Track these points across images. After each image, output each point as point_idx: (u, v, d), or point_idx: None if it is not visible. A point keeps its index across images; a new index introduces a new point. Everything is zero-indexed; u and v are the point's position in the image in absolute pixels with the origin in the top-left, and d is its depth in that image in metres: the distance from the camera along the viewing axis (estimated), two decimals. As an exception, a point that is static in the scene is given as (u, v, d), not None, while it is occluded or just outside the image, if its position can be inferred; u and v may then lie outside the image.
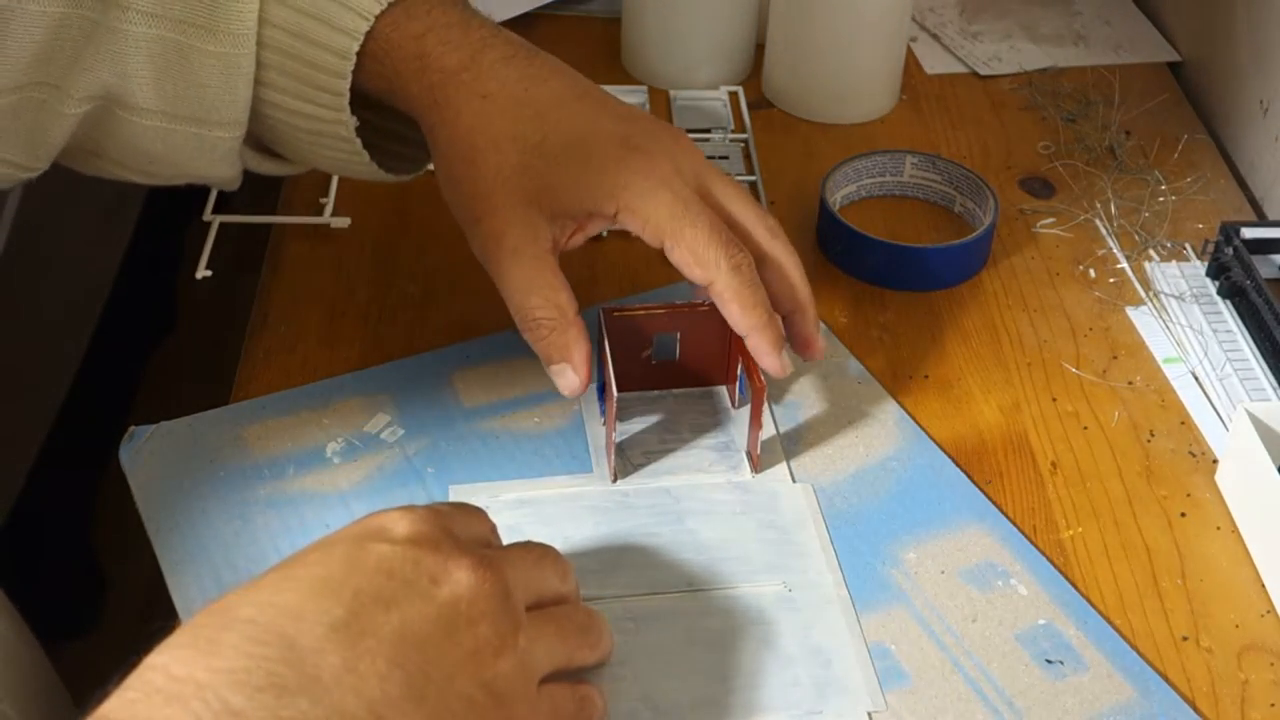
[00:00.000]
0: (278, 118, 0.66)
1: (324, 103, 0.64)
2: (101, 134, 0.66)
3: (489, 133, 0.63)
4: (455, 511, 0.53)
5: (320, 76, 0.64)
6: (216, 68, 0.63)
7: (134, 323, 1.54)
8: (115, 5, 0.61)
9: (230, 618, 0.45)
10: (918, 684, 0.58)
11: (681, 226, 0.63)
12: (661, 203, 0.63)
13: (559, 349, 0.63)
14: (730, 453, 0.68)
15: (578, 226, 0.64)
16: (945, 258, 0.79)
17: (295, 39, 0.64)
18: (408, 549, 0.48)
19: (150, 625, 0.51)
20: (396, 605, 0.47)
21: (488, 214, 0.63)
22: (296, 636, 0.44)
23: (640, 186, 0.63)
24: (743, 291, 0.63)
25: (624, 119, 0.65)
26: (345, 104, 0.64)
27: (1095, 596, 0.63)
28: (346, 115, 0.65)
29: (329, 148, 0.66)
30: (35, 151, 0.64)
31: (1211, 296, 0.79)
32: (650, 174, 0.63)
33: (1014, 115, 0.95)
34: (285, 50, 0.64)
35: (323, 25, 0.63)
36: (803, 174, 0.88)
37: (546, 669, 0.52)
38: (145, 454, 0.67)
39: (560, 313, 0.63)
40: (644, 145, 0.64)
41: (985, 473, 0.68)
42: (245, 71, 0.64)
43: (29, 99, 0.61)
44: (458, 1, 0.67)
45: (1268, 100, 0.90)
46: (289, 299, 0.77)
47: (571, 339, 0.63)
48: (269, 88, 0.65)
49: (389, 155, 0.69)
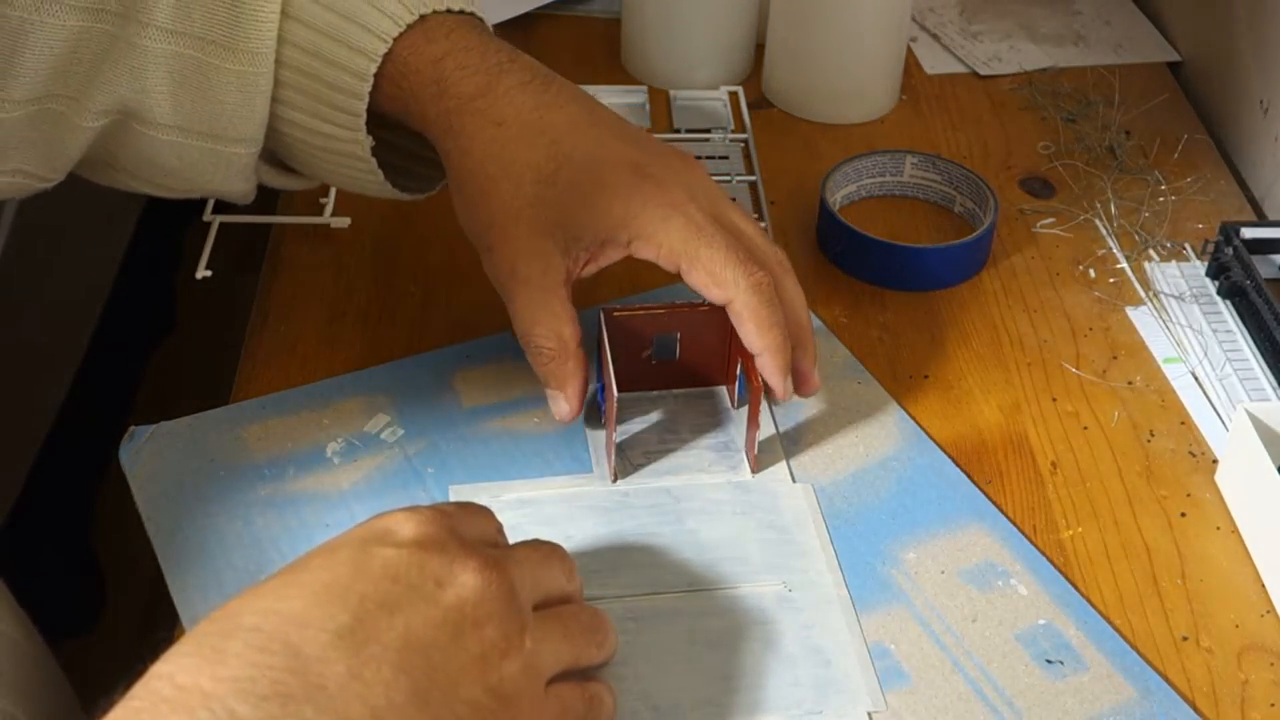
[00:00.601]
0: (294, 135, 0.66)
1: (340, 122, 0.65)
2: (117, 147, 0.66)
3: (503, 161, 0.64)
4: (460, 511, 0.53)
5: (337, 96, 0.64)
6: (234, 85, 0.64)
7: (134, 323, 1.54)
8: (135, 20, 0.62)
9: (235, 625, 0.45)
10: (918, 684, 0.58)
11: (697, 248, 0.63)
12: (675, 227, 0.63)
13: (556, 378, 0.65)
14: (730, 453, 0.68)
15: (591, 256, 0.65)
16: (945, 258, 0.79)
17: (314, 59, 0.64)
18: (412, 552, 0.48)
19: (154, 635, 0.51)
20: (401, 610, 0.47)
21: (500, 243, 0.64)
22: (301, 644, 0.44)
23: (653, 214, 0.63)
24: (760, 311, 0.63)
25: (637, 146, 0.66)
26: (361, 124, 0.65)
27: (1095, 596, 0.63)
28: (362, 135, 0.65)
29: (344, 166, 0.67)
30: (52, 163, 0.64)
31: (1211, 296, 0.79)
32: (663, 201, 0.64)
33: (1014, 115, 0.95)
34: (303, 70, 0.64)
35: (341, 46, 0.64)
36: (803, 174, 0.88)
37: (554, 669, 0.52)
38: (145, 454, 0.67)
39: (561, 345, 0.64)
40: (657, 173, 0.64)
41: (985, 473, 0.68)
42: (263, 89, 0.64)
43: (47, 111, 0.62)
44: (475, 24, 0.67)
45: (1268, 100, 0.90)
46: (289, 299, 0.77)
47: (569, 371, 0.65)
48: (286, 106, 0.65)
49: (405, 174, 0.70)
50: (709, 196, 0.66)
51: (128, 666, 0.44)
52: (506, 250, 0.64)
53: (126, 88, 0.63)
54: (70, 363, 1.41)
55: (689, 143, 0.90)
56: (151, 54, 0.62)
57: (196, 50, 0.63)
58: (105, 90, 0.62)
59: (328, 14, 0.64)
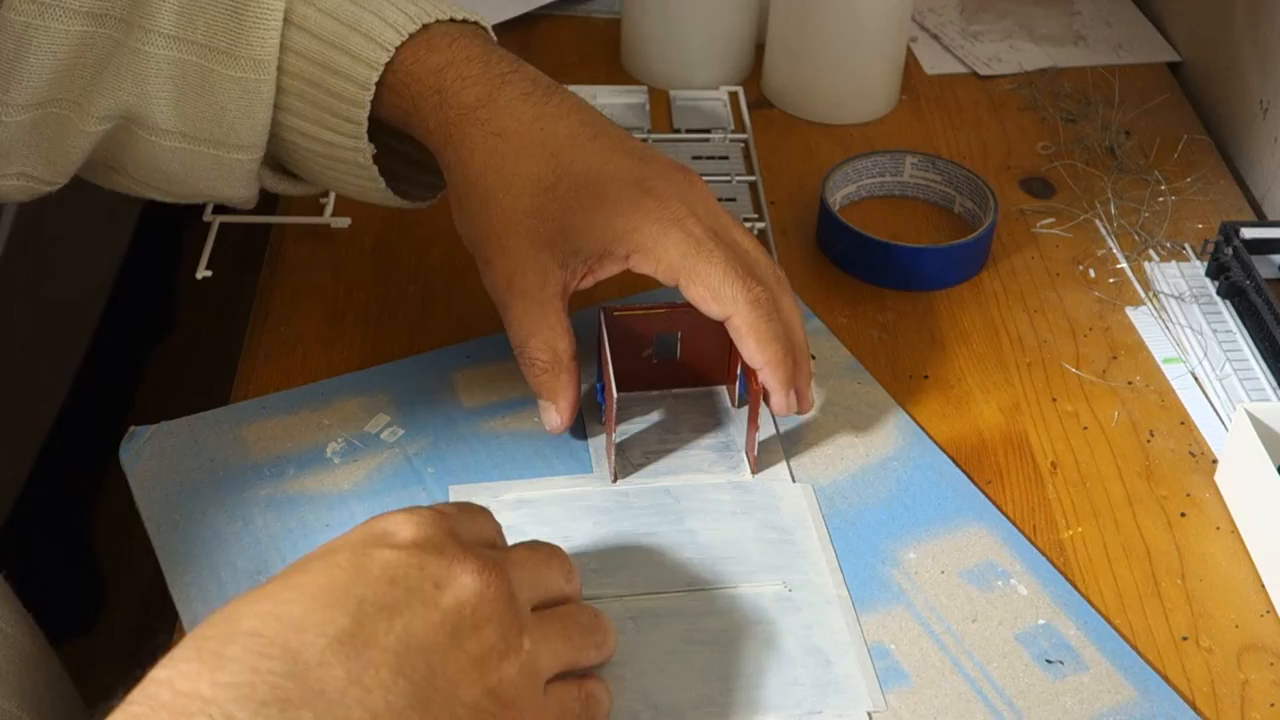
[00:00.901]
0: (296, 142, 0.67)
1: (343, 130, 0.65)
2: (121, 152, 0.66)
3: (502, 173, 0.64)
4: (459, 512, 0.53)
5: (339, 105, 0.64)
6: (237, 92, 0.64)
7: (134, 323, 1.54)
8: (138, 27, 0.62)
9: (234, 630, 0.45)
10: (918, 684, 0.58)
11: (696, 263, 0.63)
12: (674, 242, 0.63)
13: (549, 390, 0.65)
14: (730, 453, 0.68)
15: (589, 269, 0.65)
16: (945, 258, 0.79)
17: (316, 67, 0.64)
18: (411, 554, 0.48)
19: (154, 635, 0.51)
20: (400, 613, 0.47)
21: (498, 255, 0.64)
22: (300, 649, 0.44)
23: (652, 228, 0.63)
24: (760, 326, 0.63)
25: (638, 159, 0.66)
26: (363, 133, 0.65)
27: (1095, 596, 0.63)
28: (364, 144, 0.65)
29: (346, 173, 0.67)
30: (55, 166, 0.64)
31: (1211, 296, 0.79)
32: (662, 215, 0.63)
33: (1014, 115, 0.95)
34: (306, 77, 0.65)
35: (344, 54, 0.64)
36: (803, 174, 0.88)
37: (552, 670, 0.52)
38: (145, 454, 0.67)
39: (555, 358, 0.64)
40: (657, 188, 0.64)
41: (985, 473, 0.68)
42: (265, 97, 0.64)
43: (50, 115, 0.62)
44: (479, 34, 0.67)
45: (1268, 100, 0.90)
46: (289, 299, 0.77)
47: (561, 384, 0.65)
48: (288, 113, 0.65)
49: (407, 181, 0.70)
50: (709, 212, 0.65)
51: (127, 667, 0.44)
52: (504, 262, 0.64)
53: (129, 93, 0.63)
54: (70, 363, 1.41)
55: (689, 143, 0.90)
56: (154, 60, 0.63)
57: (199, 57, 0.63)
58: (108, 95, 0.63)
59: (331, 22, 0.64)
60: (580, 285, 0.65)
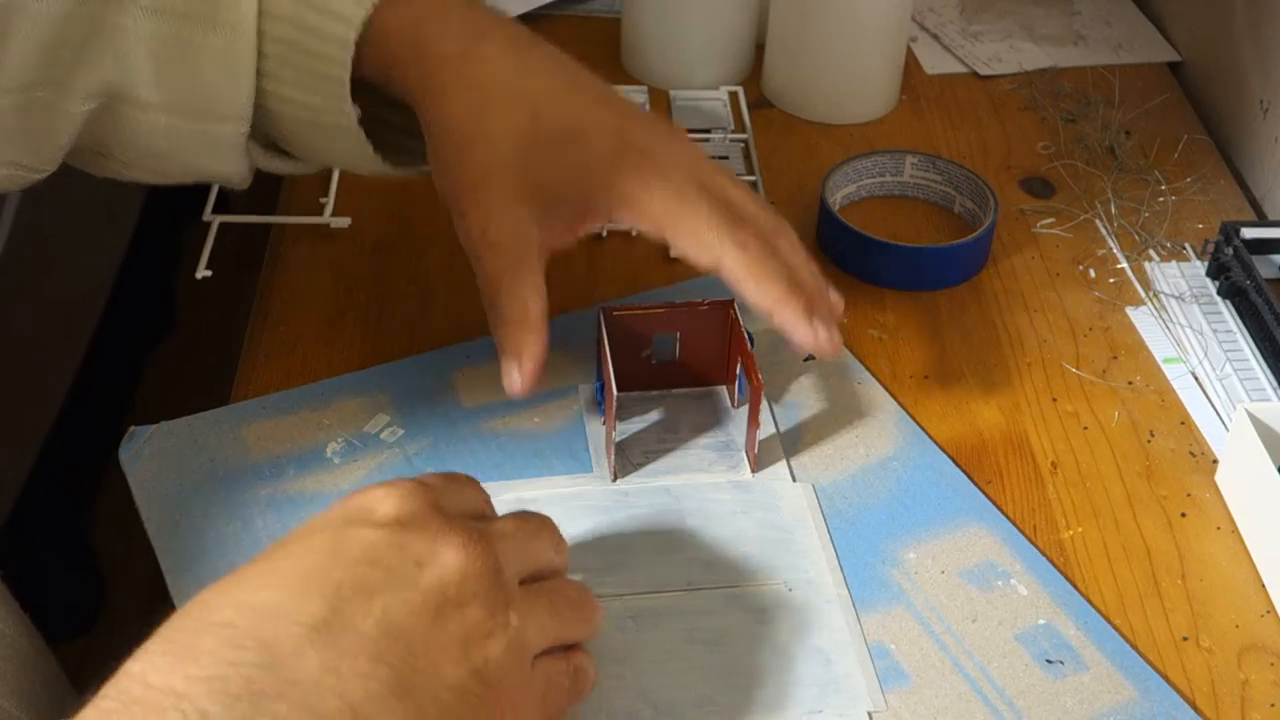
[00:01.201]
0: (282, 111, 0.66)
1: (325, 92, 0.64)
2: (107, 133, 0.65)
3: (481, 123, 0.63)
4: (444, 483, 0.51)
5: (321, 65, 0.63)
6: (218, 60, 0.63)
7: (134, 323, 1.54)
8: (115, 1, 0.61)
9: (207, 621, 0.44)
10: (918, 684, 0.58)
11: (679, 214, 0.62)
12: (656, 194, 0.62)
13: (512, 346, 0.62)
14: (730, 452, 0.68)
15: (569, 225, 0.64)
16: (945, 258, 0.79)
17: (295, 29, 0.63)
18: (392, 532, 0.47)
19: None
20: (379, 595, 0.46)
21: (473, 207, 0.63)
22: (274, 639, 0.44)
23: (635, 181, 0.62)
24: (753, 266, 0.62)
25: (621, 114, 0.65)
26: (346, 94, 0.64)
27: (1095, 596, 0.63)
28: (348, 105, 0.64)
29: (333, 139, 0.66)
30: (42, 152, 0.64)
31: (1211, 296, 0.79)
32: (645, 168, 0.62)
33: (1014, 115, 0.95)
34: (286, 40, 0.64)
35: (322, 15, 0.63)
36: (803, 174, 0.88)
37: (539, 647, 0.51)
38: (145, 454, 0.67)
39: (524, 314, 0.62)
40: (640, 141, 0.63)
41: (985, 473, 0.68)
42: (246, 63, 0.64)
43: (34, 99, 0.61)
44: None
45: (1268, 100, 0.90)
46: (289, 299, 0.77)
47: (528, 343, 0.62)
48: (271, 79, 0.65)
49: (399, 150, 0.69)
50: (694, 162, 0.64)
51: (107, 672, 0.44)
52: (478, 213, 0.62)
53: (111, 69, 0.62)
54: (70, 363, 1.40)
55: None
56: (134, 34, 0.62)
57: (178, 27, 0.62)
58: (91, 73, 0.62)
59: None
60: (562, 242, 0.64)
